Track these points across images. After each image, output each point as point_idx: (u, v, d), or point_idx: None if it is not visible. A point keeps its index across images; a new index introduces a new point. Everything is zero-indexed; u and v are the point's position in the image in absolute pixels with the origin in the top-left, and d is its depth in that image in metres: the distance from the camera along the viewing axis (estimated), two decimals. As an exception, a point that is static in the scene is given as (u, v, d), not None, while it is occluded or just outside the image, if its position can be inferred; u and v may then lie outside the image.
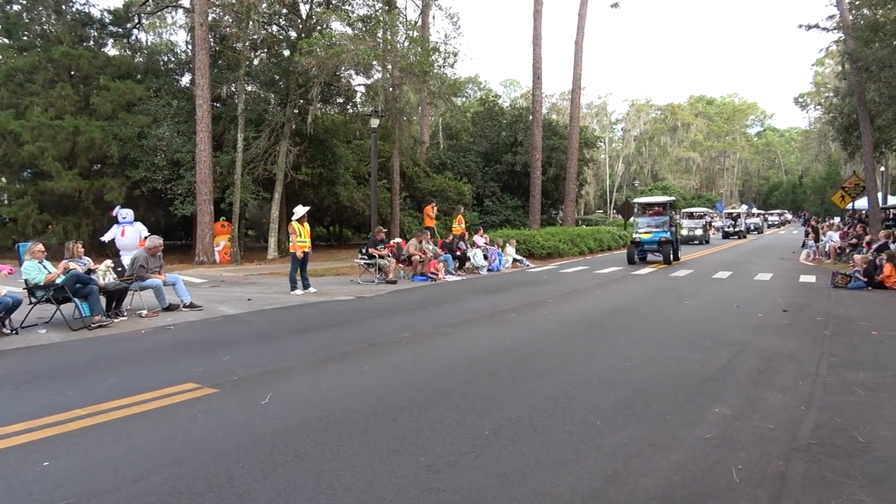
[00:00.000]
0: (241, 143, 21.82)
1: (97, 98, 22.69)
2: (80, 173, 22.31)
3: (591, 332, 8.47)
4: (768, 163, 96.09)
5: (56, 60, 22.93)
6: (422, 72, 22.14)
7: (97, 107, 22.60)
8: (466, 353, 7.11)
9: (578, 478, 3.67)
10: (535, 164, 29.64)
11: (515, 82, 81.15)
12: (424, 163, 31.91)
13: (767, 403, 5.14)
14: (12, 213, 22.05)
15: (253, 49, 24.29)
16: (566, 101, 59.38)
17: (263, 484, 3.58)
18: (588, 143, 39.33)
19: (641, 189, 69.91)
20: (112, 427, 4.62)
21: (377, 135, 20.49)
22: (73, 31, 24.78)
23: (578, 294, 12.74)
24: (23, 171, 23.57)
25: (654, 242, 19.63)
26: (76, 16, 25.51)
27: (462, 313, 10.17)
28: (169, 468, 3.82)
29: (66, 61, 23.26)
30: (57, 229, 21.66)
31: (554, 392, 5.45)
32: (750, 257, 23.66)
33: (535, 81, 30.02)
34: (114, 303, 9.82)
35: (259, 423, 4.66)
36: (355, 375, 6.13)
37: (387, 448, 4.14)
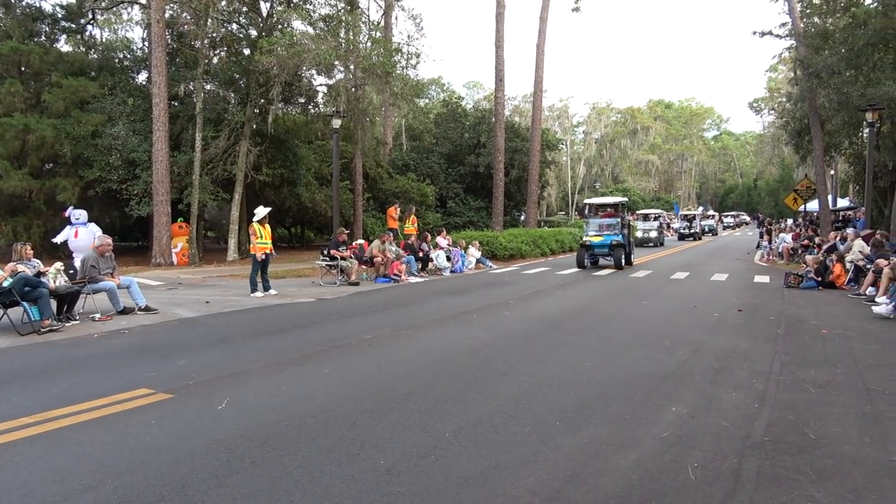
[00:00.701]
0: (199, 142, 21.40)
1: (49, 95, 21.98)
2: (31, 173, 21.57)
3: (552, 332, 8.53)
4: (724, 166, 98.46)
5: (5, 56, 22.12)
6: (384, 72, 22.04)
7: (49, 104, 21.89)
8: (428, 355, 7.08)
9: (538, 479, 3.68)
10: (498, 165, 29.79)
11: (478, 84, 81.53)
12: (387, 164, 31.79)
13: (722, 402, 5.24)
14: (-42, 214, 21.23)
15: (212, 47, 23.86)
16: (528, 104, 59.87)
17: (218, 491, 3.50)
18: (550, 145, 39.71)
19: (602, 191, 70.99)
20: (61, 435, 4.47)
21: (339, 135, 20.30)
22: (23, 25, 23.96)
23: (540, 295, 12.83)
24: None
25: (605, 246, 18.62)
26: (26, 10, 24.67)
27: (424, 315, 10.15)
28: (119, 477, 3.70)
29: (16, 57, 22.49)
30: (6, 230, 20.94)
31: (515, 393, 5.46)
32: (706, 258, 24.19)
33: (498, 84, 30.18)
34: (65, 306, 9.52)
35: (215, 429, 4.56)
36: (315, 379, 6.06)
37: (346, 452, 4.09)
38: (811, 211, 28.34)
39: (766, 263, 21.79)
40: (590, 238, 18.99)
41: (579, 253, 18.98)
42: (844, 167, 32.93)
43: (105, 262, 10.46)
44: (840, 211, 29.70)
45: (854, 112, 19.50)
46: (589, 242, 18.80)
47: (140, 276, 15.84)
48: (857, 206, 28.00)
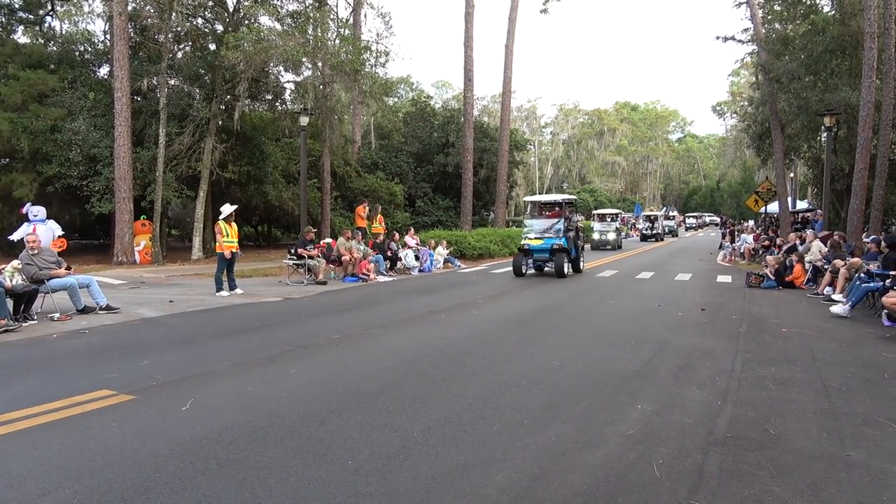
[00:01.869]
0: (163, 138, 20.99)
1: (5, 88, 21.29)
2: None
3: (520, 331, 8.58)
4: (688, 167, 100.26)
5: (-42, 46, 21.41)
6: (353, 70, 21.91)
7: (5, 97, 21.20)
8: (397, 355, 7.06)
9: (506, 477, 3.70)
10: (467, 165, 29.86)
11: (447, 84, 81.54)
12: (356, 162, 31.61)
13: (686, 399, 5.33)
14: None
15: (176, 42, 23.42)
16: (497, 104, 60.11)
17: (182, 494, 3.44)
18: (518, 145, 39.94)
19: (570, 192, 71.59)
20: (17, 438, 4.34)
21: (307, 133, 20.12)
22: (-22, 15, 23.22)
23: (508, 295, 12.90)
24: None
25: (545, 250, 16.23)
26: (-19, 0, 23.91)
27: (393, 314, 10.11)
28: (79, 480, 3.61)
29: (-30, 48, 21.76)
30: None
31: (483, 392, 5.48)
32: (670, 259, 24.60)
33: (467, 83, 30.24)
34: (22, 306, 9.24)
35: (179, 431, 4.48)
36: (282, 379, 5.99)
37: (314, 452, 4.06)
38: (771, 213, 29.05)
39: (729, 264, 22.25)
40: (528, 241, 16.51)
41: (516, 258, 16.61)
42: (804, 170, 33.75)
43: (46, 254, 9.97)
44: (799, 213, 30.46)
45: (813, 116, 20.01)
46: (527, 246, 16.39)
47: (101, 274, 15.47)
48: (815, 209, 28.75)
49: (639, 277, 16.61)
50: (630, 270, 18.80)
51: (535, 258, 16.46)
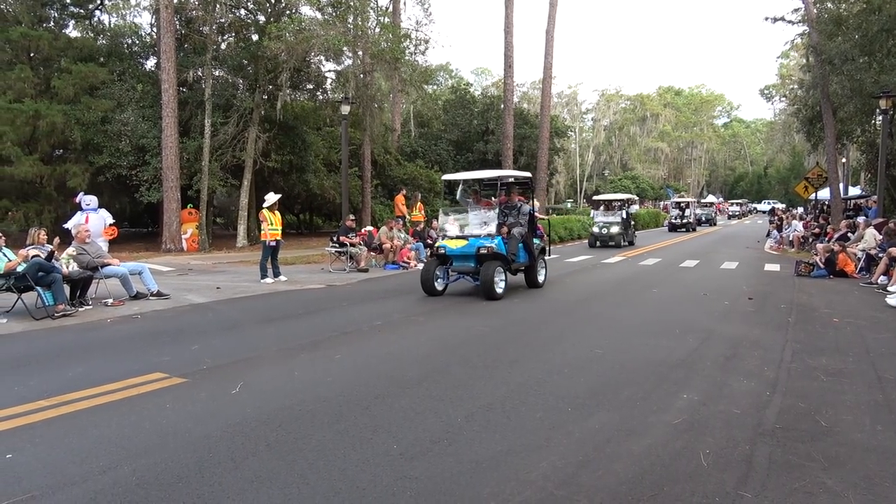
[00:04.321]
0: (208, 128, 21.43)
1: (58, 81, 22.02)
2: (42, 158, 21.68)
3: (562, 319, 8.54)
4: (734, 153, 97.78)
5: (14, 41, 22.16)
6: (393, 58, 21.96)
7: (59, 90, 21.94)
8: (439, 342, 7.11)
9: (550, 464, 3.71)
10: (507, 152, 29.70)
11: (487, 71, 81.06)
12: (396, 151, 31.74)
13: (733, 389, 5.25)
14: (-31, 200, 21.36)
15: (220, 33, 23.82)
16: (537, 91, 59.53)
17: (234, 473, 3.55)
18: (559, 132, 39.52)
19: (611, 179, 70.58)
20: (78, 418, 4.53)
21: (348, 122, 20.28)
22: (33, 11, 23.96)
23: (548, 283, 12.82)
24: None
25: (469, 257, 10.72)
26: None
27: (434, 301, 10.17)
28: (137, 459, 3.75)
29: (25, 42, 22.51)
30: (18, 216, 21.07)
31: (525, 379, 5.49)
32: (716, 247, 24.07)
33: (507, 70, 30.01)
34: (78, 291, 9.59)
35: (229, 413, 4.61)
36: (327, 364, 6.10)
37: (359, 436, 4.13)
38: (822, 199, 28.16)
39: (777, 252, 21.69)
40: (447, 243, 10.99)
41: (426, 267, 11.11)
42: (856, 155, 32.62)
43: (91, 246, 10.32)
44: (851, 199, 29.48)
45: (867, 99, 19.27)
46: (443, 249, 10.96)
47: (151, 261, 15.93)
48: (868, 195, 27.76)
49: (683, 266, 16.31)
50: (674, 259, 18.47)
51: (455, 267, 11.01)
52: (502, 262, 10.59)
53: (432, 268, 10.89)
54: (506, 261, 10.66)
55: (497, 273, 10.32)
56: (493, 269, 10.23)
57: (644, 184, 69.31)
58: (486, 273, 10.19)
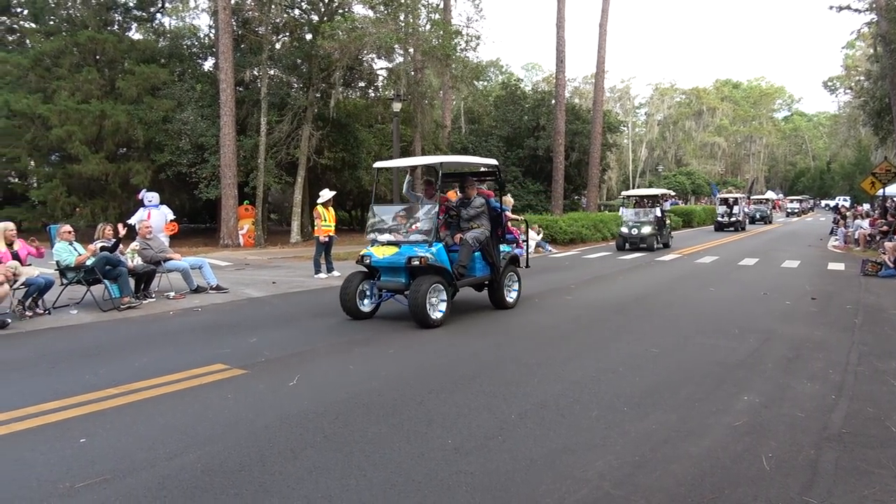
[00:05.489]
0: (264, 126, 21.93)
1: (122, 82, 22.91)
2: (107, 157, 22.59)
3: (616, 317, 8.43)
4: (795, 148, 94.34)
5: (82, 44, 23.16)
6: (444, 55, 22.04)
7: (123, 91, 22.83)
8: (491, 338, 7.11)
9: (606, 463, 3.67)
10: (558, 148, 29.40)
11: (537, 66, 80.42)
12: (446, 147, 31.82)
13: (797, 392, 5.08)
14: (41, 196, 22.42)
15: (275, 33, 24.32)
16: (589, 85, 58.75)
17: (294, 463, 3.63)
18: (611, 127, 38.87)
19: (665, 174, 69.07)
20: (145, 406, 4.71)
21: (399, 119, 20.45)
22: (98, 15, 24.99)
23: (602, 280, 12.67)
24: (51, 155, 23.93)
25: (399, 270, 8.14)
26: (101, 0, 25.69)
27: (484, 298, 10.13)
28: (201, 447, 3.88)
29: (92, 45, 23.49)
30: (85, 212, 22.00)
31: (579, 377, 5.44)
32: (776, 245, 23.31)
33: (559, 65, 29.68)
34: (142, 284, 9.96)
35: (288, 404, 4.72)
36: (380, 358, 6.18)
37: (414, 430, 4.17)
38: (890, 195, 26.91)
39: (841, 250, 20.86)
40: (374, 250, 8.27)
41: (346, 282, 8.35)
42: (928, 149, 31.03)
43: (155, 241, 10.67)
44: (922, 195, 28.05)
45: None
46: (369, 259, 8.28)
47: (209, 256, 16.40)
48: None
49: (741, 264, 15.85)
50: (732, 256, 17.97)
51: (382, 283, 8.35)
52: (444, 277, 7.95)
53: (355, 283, 8.22)
54: (448, 275, 8.02)
55: (434, 292, 7.71)
56: (427, 288, 7.52)
57: (700, 179, 67.59)
58: (416, 293, 7.46)
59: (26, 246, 8.95)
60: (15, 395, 4.94)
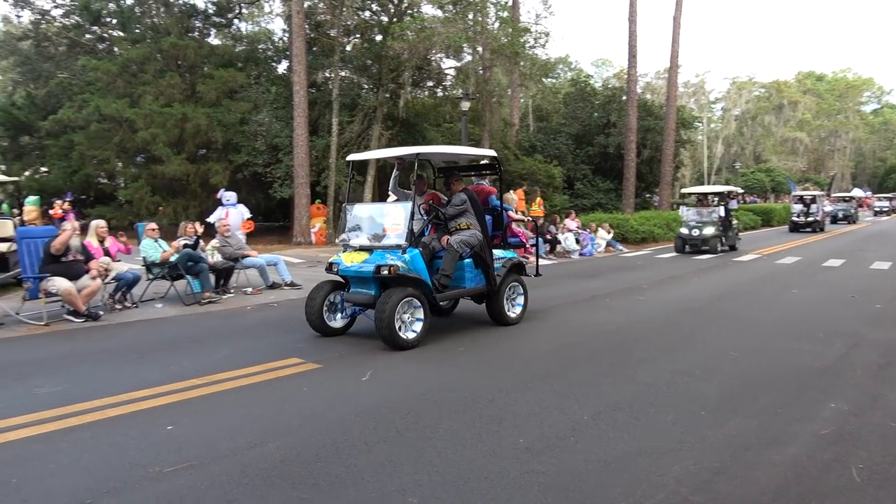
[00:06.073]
0: (335, 127, 22.40)
1: (202, 86, 23.88)
2: (188, 158, 23.59)
3: (691, 319, 8.18)
4: (885, 143, 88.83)
5: (165, 51, 24.27)
6: (513, 53, 21.94)
7: (202, 94, 23.79)
8: (561, 338, 7.04)
9: (683, 468, 3.57)
10: (629, 145, 28.79)
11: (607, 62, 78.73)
12: (514, 145, 31.64)
13: (889, 400, 4.80)
14: (128, 196, 23.63)
15: (346, 35, 24.79)
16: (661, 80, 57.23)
17: (368, 457, 3.70)
18: (685, 123, 37.72)
19: (742, 171, 66.45)
20: (226, 396, 4.90)
21: (467, 117, 20.49)
22: (180, 22, 26.13)
23: (676, 280, 12.32)
24: (137, 156, 25.18)
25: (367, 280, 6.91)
26: (183, 8, 26.87)
27: (554, 297, 10.06)
28: (280, 437, 4.01)
29: (175, 51, 24.58)
30: (167, 211, 23.05)
31: (654, 380, 5.31)
32: (865, 245, 22.05)
33: (631, 60, 29.05)
34: (221, 280, 10.37)
35: (361, 399, 4.82)
36: (451, 356, 6.21)
37: (485, 428, 4.17)
38: None
39: (937, 251, 19.51)
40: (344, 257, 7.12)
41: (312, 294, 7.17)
42: None
43: (233, 239, 11.06)
44: None
45: None
46: (338, 268, 7.08)
47: (283, 253, 16.89)
48: None
49: (826, 265, 15.07)
50: (815, 257, 17.11)
51: (350, 295, 7.11)
52: (421, 289, 6.73)
53: (322, 294, 7.05)
54: (427, 287, 6.78)
55: (406, 307, 6.50)
56: (395, 302, 6.28)
57: (780, 177, 64.67)
58: (382, 308, 6.23)
59: (116, 243, 9.48)
60: (108, 383, 5.24)
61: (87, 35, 27.61)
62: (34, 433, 4.11)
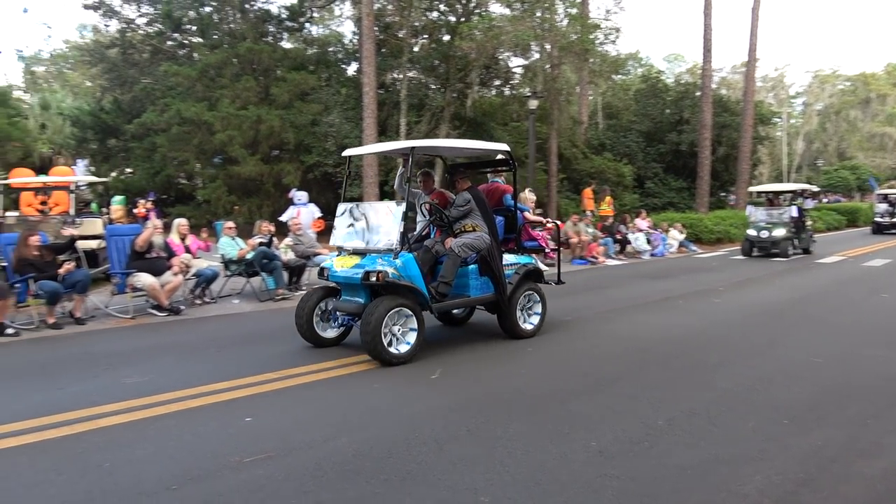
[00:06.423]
0: (403, 127, 22.64)
1: (276, 89, 24.60)
2: (262, 158, 24.35)
3: (771, 323, 7.84)
4: None
5: (241, 56, 25.13)
6: (582, 50, 21.59)
7: (276, 97, 24.51)
8: (633, 340, 6.87)
9: (766, 478, 3.43)
10: (703, 143, 27.85)
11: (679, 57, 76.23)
12: (582, 144, 31.18)
13: None
14: (206, 196, 24.61)
15: (414, 35, 25.01)
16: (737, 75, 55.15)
17: (439, 455, 3.73)
18: (763, 119, 36.19)
19: (825, 169, 63.25)
20: (300, 391, 5.04)
21: (535, 116, 20.30)
22: (255, 27, 27.00)
23: (754, 282, 11.84)
24: (214, 157, 26.19)
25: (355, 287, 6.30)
26: (257, 13, 27.76)
27: (625, 299, 9.85)
28: (352, 433, 4.09)
29: (250, 56, 25.41)
30: (242, 210, 23.86)
31: (732, 385, 5.12)
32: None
33: (706, 54, 28.08)
34: (294, 277, 10.65)
35: (430, 397, 4.86)
36: (519, 356, 6.18)
37: (556, 430, 4.13)
38: None
39: None
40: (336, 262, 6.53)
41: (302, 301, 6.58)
42: None
43: (305, 238, 11.32)
44: None
45: None
46: (329, 273, 6.51)
47: (352, 252, 17.22)
48: None
49: (918, 268, 14.18)
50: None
51: (340, 303, 6.48)
52: (415, 299, 6.06)
53: (312, 302, 6.48)
54: (422, 296, 6.06)
55: (397, 318, 5.84)
56: (381, 314, 5.61)
57: (865, 174, 61.19)
58: (367, 321, 5.61)
59: (196, 240, 9.88)
60: (190, 375, 5.47)
61: (169, 42, 28.90)
62: (124, 420, 4.34)
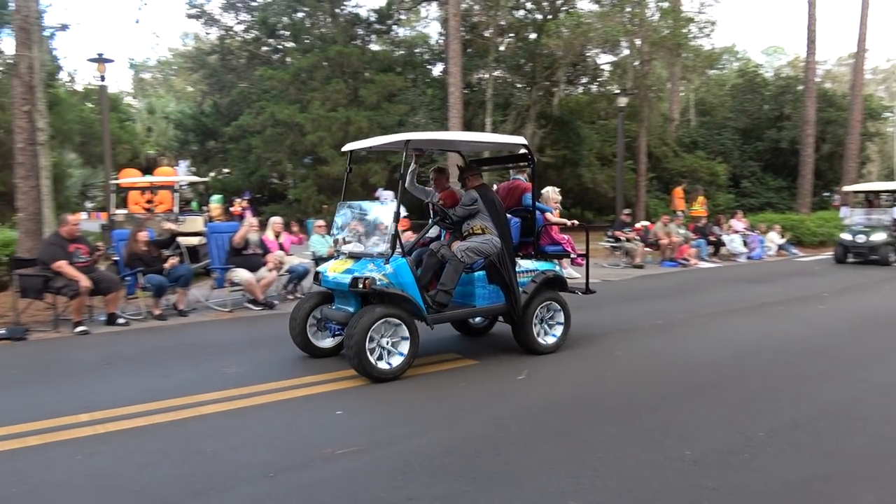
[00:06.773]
0: (489, 126, 22.62)
1: (364, 90, 25.18)
2: (350, 159, 25.03)
3: (884, 332, 7.29)
4: None
5: (331, 59, 25.88)
6: (674, 45, 20.88)
7: (364, 98, 25.09)
8: (729, 347, 6.56)
9: (879, 498, 3.20)
10: (806, 140, 26.28)
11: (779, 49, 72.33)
12: (673, 142, 30.14)
13: None
14: (297, 195, 25.52)
15: (500, 34, 24.95)
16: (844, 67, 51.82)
17: (527, 456, 3.69)
18: (873, 114, 33.75)
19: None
20: (388, 387, 5.10)
21: (624, 114, 19.79)
22: (345, 31, 27.73)
23: (863, 288, 11.06)
24: (305, 158, 27.12)
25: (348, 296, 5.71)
26: (347, 17, 28.51)
27: (719, 303, 9.43)
28: (439, 430, 4.12)
29: (340, 59, 26.14)
30: (331, 209, 24.57)
31: (840, 398, 4.80)
32: None
33: (809, 46, 26.49)
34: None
35: (517, 397, 4.82)
36: (606, 360, 6.03)
37: (648, 437, 4.00)
38: None
39: None
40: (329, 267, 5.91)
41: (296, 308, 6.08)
42: None
43: None
44: None
45: None
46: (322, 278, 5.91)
47: (436, 251, 17.38)
48: None
49: None
50: None
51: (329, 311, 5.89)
52: (408, 308, 5.47)
53: (305, 309, 5.97)
54: (416, 305, 5.46)
55: (386, 329, 5.29)
56: (366, 325, 5.08)
57: None
58: (350, 334, 5.08)
59: (290, 236, 10.25)
60: (285, 367, 5.70)
61: (264, 47, 30.13)
62: (226, 408, 4.56)
